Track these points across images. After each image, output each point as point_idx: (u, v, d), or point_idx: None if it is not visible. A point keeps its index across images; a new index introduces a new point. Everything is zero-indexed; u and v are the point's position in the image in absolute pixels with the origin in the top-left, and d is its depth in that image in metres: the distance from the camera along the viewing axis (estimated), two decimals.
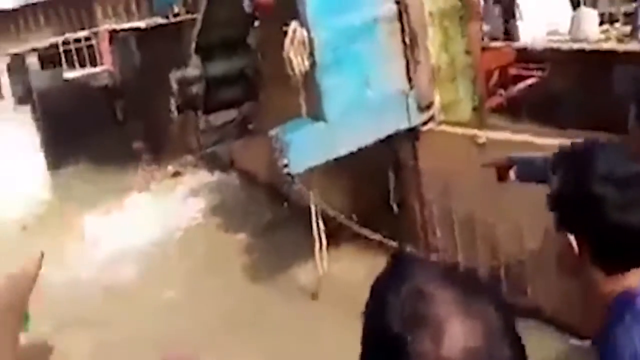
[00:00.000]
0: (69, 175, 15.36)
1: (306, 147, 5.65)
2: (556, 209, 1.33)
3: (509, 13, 8.32)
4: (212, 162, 12.79)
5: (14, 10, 13.24)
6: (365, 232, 6.92)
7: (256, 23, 9.95)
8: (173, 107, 11.23)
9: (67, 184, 14.84)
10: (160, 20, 13.48)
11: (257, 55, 10.26)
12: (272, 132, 5.76)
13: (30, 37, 13.43)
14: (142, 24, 13.39)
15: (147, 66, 15.26)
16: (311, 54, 5.64)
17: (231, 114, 10.89)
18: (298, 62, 5.57)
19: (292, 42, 5.55)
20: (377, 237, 6.64)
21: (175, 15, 13.19)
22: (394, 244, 6.50)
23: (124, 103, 18.54)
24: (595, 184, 1.23)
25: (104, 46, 13.81)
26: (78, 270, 8.89)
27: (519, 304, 5.13)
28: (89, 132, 17.39)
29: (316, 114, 5.78)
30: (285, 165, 5.54)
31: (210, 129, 10.50)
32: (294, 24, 5.58)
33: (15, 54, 13.70)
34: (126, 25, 13.43)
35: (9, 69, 14.87)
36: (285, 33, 5.64)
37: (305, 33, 5.56)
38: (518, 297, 5.30)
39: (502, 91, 7.37)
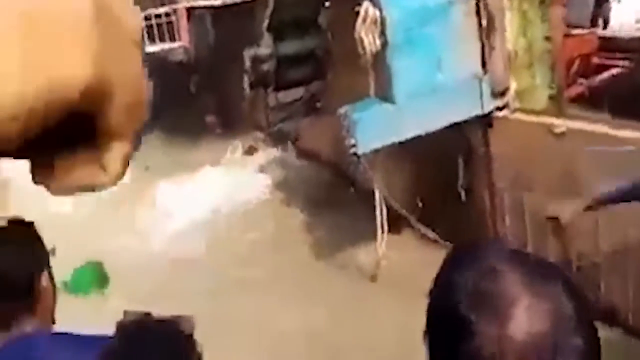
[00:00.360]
0: (143, 145, 16.01)
1: (373, 128, 5.60)
2: None
3: None
4: (279, 139, 12.94)
5: None
6: (421, 227, 6.81)
7: (327, 3, 9.93)
8: (246, 84, 11.41)
9: (141, 153, 15.44)
10: None
11: (327, 34, 10.24)
12: (341, 111, 5.74)
13: None
14: (217, 1, 13.58)
15: (220, 43, 15.55)
16: (382, 34, 5.55)
17: (299, 92, 10.97)
18: (369, 42, 5.50)
19: (363, 21, 5.48)
20: (431, 234, 6.55)
21: None
22: (448, 243, 6.37)
23: (197, 78, 19.05)
24: None
25: (182, 22, 14.13)
26: (150, 241, 9.23)
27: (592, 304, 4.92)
28: (164, 104, 18.00)
29: (385, 95, 5.70)
30: (353, 145, 5.52)
31: (279, 107, 10.62)
32: (366, 3, 5.50)
33: None
34: (202, 3, 13.66)
35: None
36: (357, 13, 5.57)
37: (377, 12, 5.47)
38: (590, 298, 5.09)
39: (583, 80, 7.01)
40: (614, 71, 7.18)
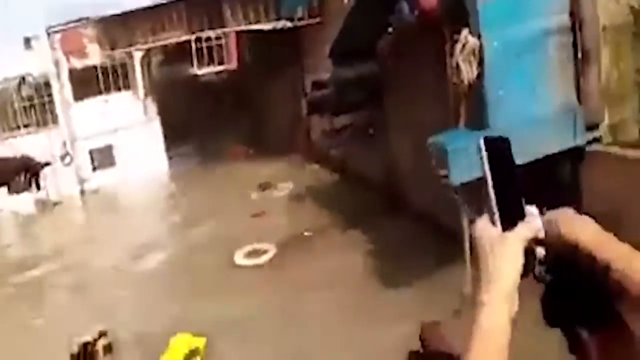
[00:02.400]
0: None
1: (467, 158, 5.45)
2: None
3: None
4: (325, 163, 12.83)
5: (149, 7, 13.90)
6: None
7: (390, 29, 9.88)
8: (304, 108, 11.36)
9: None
10: (285, 23, 13.68)
11: (385, 62, 10.19)
12: (431, 140, 5.61)
13: (164, 34, 14.05)
14: (268, 26, 13.65)
15: (265, 66, 15.62)
16: (480, 64, 5.45)
17: (353, 117, 10.90)
18: (467, 70, 5.39)
19: (461, 50, 5.38)
20: None
21: (300, 19, 13.36)
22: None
23: (232, 100, 19.16)
24: None
25: (232, 46, 14.22)
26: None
27: None
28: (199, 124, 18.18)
29: (478, 125, 5.58)
30: (446, 176, 5.38)
31: (332, 131, 10.54)
32: (465, 32, 5.41)
33: (148, 50, 14.45)
34: (253, 27, 13.73)
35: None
36: (455, 41, 5.48)
37: (476, 41, 5.38)
38: None
39: None
40: None
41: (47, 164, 10.35)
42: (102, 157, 16.81)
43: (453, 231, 7.31)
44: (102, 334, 7.62)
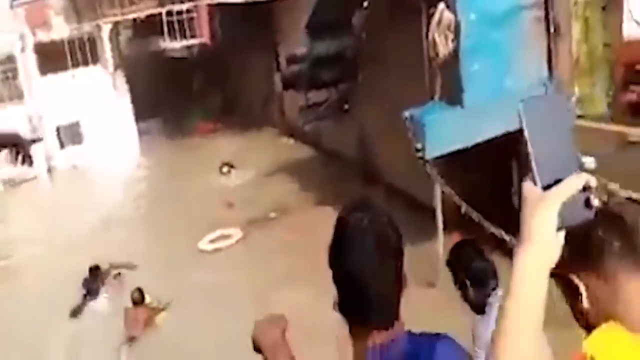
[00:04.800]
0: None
1: (442, 132, 5.56)
2: None
3: None
4: (299, 138, 12.84)
5: None
6: (491, 226, 6.73)
7: (365, 4, 9.86)
8: (278, 82, 11.29)
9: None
10: None
11: (360, 36, 10.17)
12: (406, 114, 5.68)
13: (133, 7, 13.75)
14: None
15: (238, 40, 15.44)
16: (455, 38, 5.51)
17: (328, 92, 10.89)
18: (442, 45, 5.45)
19: (438, 24, 5.44)
20: (497, 231, 6.48)
21: None
22: (512, 238, 6.34)
23: (202, 75, 18.92)
24: None
25: (203, 19, 14.01)
26: None
27: None
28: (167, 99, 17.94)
29: (453, 99, 5.67)
30: (420, 149, 5.47)
31: (307, 107, 10.52)
32: (441, 6, 5.46)
33: (116, 23, 14.12)
34: (225, 0, 13.54)
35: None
36: (431, 15, 5.53)
37: (452, 16, 5.43)
38: None
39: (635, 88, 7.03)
40: None
41: (38, 139, 10.12)
42: (70, 134, 16.50)
43: (426, 205, 7.45)
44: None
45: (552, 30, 5.78)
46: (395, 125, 7.76)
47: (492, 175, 6.71)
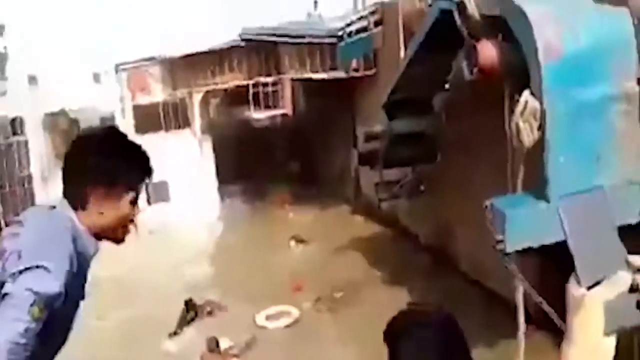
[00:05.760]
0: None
1: (524, 226, 5.19)
2: None
3: None
4: (374, 217, 12.67)
5: (212, 51, 14.40)
6: (560, 322, 6.18)
7: (447, 85, 9.81)
8: (356, 159, 11.33)
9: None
10: (339, 73, 13.86)
11: (441, 117, 10.07)
12: (488, 203, 5.38)
13: (223, 77, 14.50)
14: (323, 75, 13.86)
15: (318, 114, 15.81)
16: (540, 127, 5.24)
17: (405, 172, 10.75)
18: (526, 133, 5.19)
19: (522, 111, 5.20)
20: None
21: (355, 70, 13.50)
22: None
23: (285, 145, 19.42)
24: None
25: (287, 91, 14.52)
26: None
27: None
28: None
29: (538, 192, 5.32)
30: (500, 241, 5.12)
31: (383, 184, 10.41)
32: (526, 93, 5.23)
33: (207, 91, 14.93)
34: (309, 76, 13.98)
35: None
36: (511, 100, 5.31)
37: (537, 104, 5.19)
38: None
39: None
40: None
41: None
42: (158, 192, 17.20)
43: (503, 298, 6.97)
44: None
45: None
46: (475, 213, 7.46)
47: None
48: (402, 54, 10.20)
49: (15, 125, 16.16)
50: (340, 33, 13.79)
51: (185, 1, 23.68)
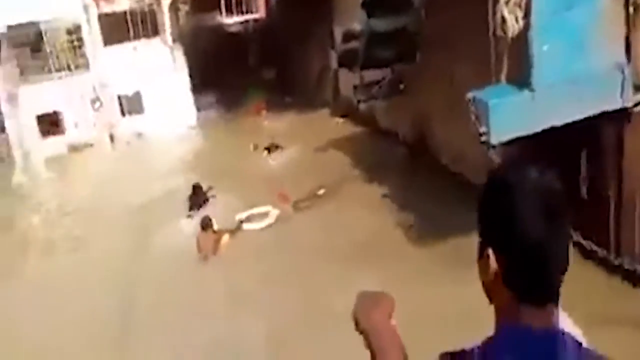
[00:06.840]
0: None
1: (509, 116, 5.27)
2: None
3: None
4: (353, 117, 12.61)
5: None
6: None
7: None
8: (334, 60, 11.08)
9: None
10: None
11: (420, 13, 9.82)
12: (470, 95, 5.42)
13: None
14: None
15: (293, 16, 15.27)
16: (526, 16, 5.19)
17: (384, 72, 10.60)
18: (512, 23, 5.14)
19: (507, 1, 5.13)
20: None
21: None
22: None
23: (257, 50, 18.87)
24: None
25: None
26: None
27: None
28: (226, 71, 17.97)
29: (521, 81, 5.36)
30: (484, 133, 5.21)
31: (362, 86, 10.29)
32: None
33: None
34: None
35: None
36: None
37: None
38: None
39: None
40: None
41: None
42: (131, 103, 16.82)
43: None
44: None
45: (631, 10, 5.37)
46: (455, 107, 7.50)
47: (559, 165, 6.36)
48: None
49: None
50: None
51: None
